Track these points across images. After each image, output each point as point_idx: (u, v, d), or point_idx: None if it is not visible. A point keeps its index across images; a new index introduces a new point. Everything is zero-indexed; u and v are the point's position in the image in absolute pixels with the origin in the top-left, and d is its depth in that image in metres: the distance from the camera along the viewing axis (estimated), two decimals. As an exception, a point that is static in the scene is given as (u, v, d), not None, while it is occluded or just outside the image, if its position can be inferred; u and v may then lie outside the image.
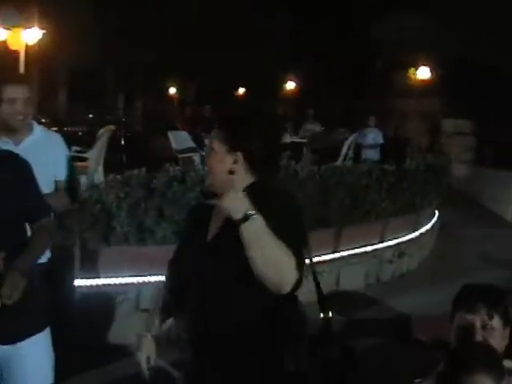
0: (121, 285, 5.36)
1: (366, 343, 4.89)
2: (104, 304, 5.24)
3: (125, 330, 5.02)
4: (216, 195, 2.21)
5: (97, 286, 5.27)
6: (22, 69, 13.53)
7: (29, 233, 2.87)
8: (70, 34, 18.26)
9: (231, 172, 2.25)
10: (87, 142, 9.86)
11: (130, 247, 5.33)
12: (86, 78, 20.27)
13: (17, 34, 14.14)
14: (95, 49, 19.54)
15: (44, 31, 15.00)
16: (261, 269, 2.07)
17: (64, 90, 21.56)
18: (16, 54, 14.07)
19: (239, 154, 2.26)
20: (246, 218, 2.05)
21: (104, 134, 9.85)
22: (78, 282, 4.72)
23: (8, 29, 14.04)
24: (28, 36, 14.40)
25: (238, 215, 2.06)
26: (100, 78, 20.66)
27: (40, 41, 14.99)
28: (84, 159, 8.61)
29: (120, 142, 11.93)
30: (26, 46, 14.35)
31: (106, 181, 5.74)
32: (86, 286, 5.12)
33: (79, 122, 17.84)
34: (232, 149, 2.27)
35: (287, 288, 2.09)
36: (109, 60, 20.55)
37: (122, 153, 11.27)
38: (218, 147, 2.29)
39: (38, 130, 3.60)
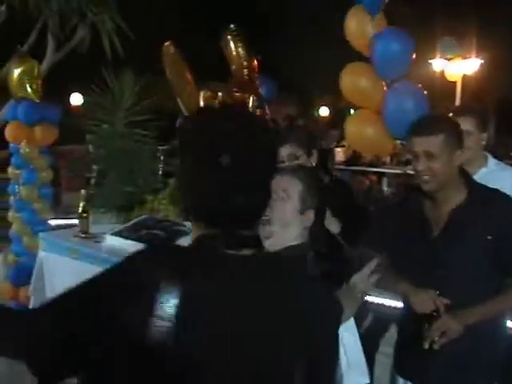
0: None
1: None
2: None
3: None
4: None
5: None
6: (458, 99, 13.61)
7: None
8: (505, 64, 17.84)
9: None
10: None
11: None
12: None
13: (455, 64, 14.37)
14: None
15: (481, 61, 14.89)
16: None
17: (492, 120, 21.23)
18: (453, 84, 14.21)
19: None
20: None
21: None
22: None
23: (447, 59, 14.33)
24: (465, 66, 14.43)
25: None
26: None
27: (477, 71, 14.93)
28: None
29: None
30: (464, 76, 14.44)
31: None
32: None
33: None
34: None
35: None
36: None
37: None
38: None
39: (492, 163, 3.43)
